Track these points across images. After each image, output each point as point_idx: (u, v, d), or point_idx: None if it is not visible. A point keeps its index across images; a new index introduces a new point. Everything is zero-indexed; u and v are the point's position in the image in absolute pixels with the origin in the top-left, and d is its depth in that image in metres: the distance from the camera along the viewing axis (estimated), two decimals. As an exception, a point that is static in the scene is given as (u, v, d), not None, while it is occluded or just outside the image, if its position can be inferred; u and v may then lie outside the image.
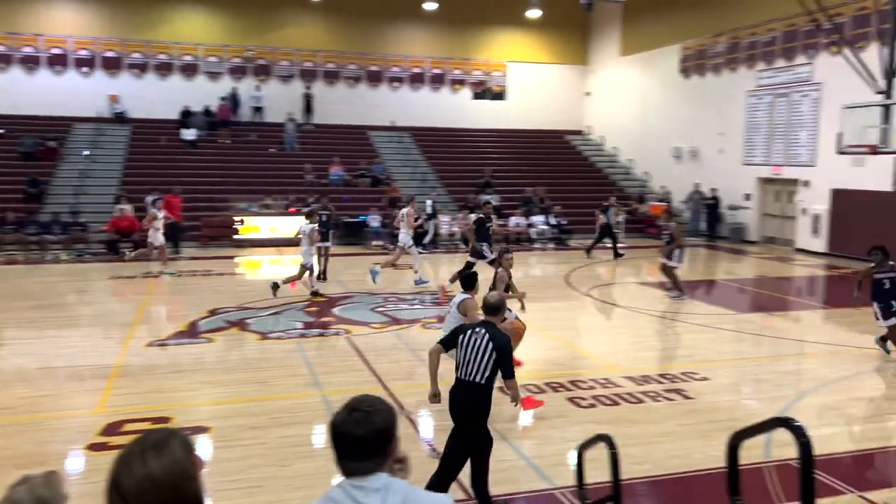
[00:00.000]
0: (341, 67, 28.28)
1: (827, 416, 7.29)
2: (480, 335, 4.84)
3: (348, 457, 2.04)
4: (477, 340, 4.82)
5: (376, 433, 2.04)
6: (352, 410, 2.08)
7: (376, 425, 2.04)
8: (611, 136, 29.24)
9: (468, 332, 4.93)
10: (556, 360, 9.38)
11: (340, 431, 2.05)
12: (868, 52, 15.71)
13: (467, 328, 5.04)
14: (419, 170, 25.28)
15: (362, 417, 2.05)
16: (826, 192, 19.27)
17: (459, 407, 4.86)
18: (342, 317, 11.48)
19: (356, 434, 2.03)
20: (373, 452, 2.03)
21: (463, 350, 4.87)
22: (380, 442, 2.04)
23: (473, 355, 4.80)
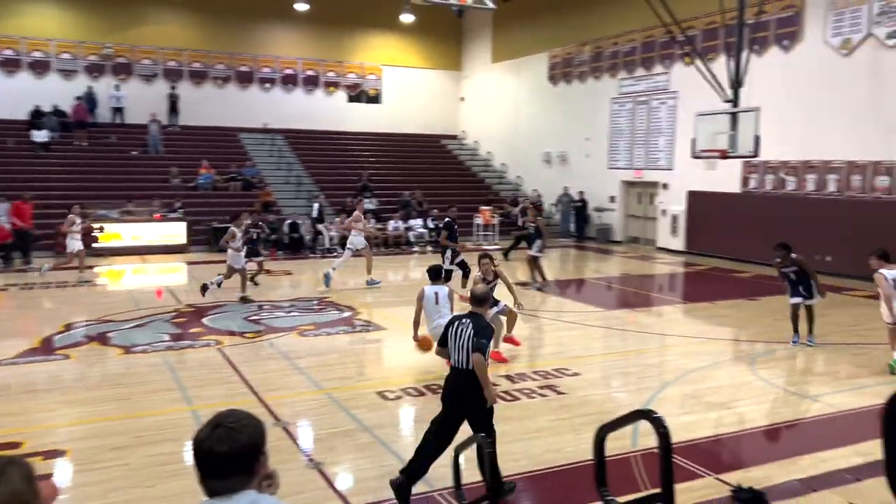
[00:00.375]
0: (208, 67, 27.24)
1: (687, 404, 7.74)
2: (465, 325, 5.19)
3: (211, 476, 1.92)
4: (463, 330, 5.16)
5: (241, 450, 1.93)
6: (215, 427, 1.96)
7: (241, 442, 1.93)
8: (484, 141, 29.88)
9: (455, 324, 5.27)
10: (435, 363, 9.41)
11: (203, 449, 1.93)
12: (717, 63, 16.91)
13: (454, 320, 5.36)
14: (294, 173, 24.74)
15: (225, 434, 1.93)
16: (683, 194, 20.58)
17: (451, 393, 5.19)
18: (213, 327, 11.01)
19: (219, 451, 1.91)
20: (237, 470, 1.92)
21: (453, 340, 5.21)
22: (244, 459, 1.93)
23: (461, 344, 5.12)
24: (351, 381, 8.39)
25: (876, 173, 15.84)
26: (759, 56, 17.64)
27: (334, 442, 6.45)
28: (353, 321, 11.65)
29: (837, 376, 8.88)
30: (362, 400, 7.58)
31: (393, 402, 7.56)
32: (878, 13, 15.60)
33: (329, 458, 6.09)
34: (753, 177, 18.63)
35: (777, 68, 17.74)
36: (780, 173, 17.91)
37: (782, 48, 17.74)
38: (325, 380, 8.32)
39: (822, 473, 5.57)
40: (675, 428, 6.70)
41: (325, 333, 10.73)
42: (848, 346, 10.21)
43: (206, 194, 22.50)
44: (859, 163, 16.13)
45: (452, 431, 5.16)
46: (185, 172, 22.99)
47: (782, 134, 17.07)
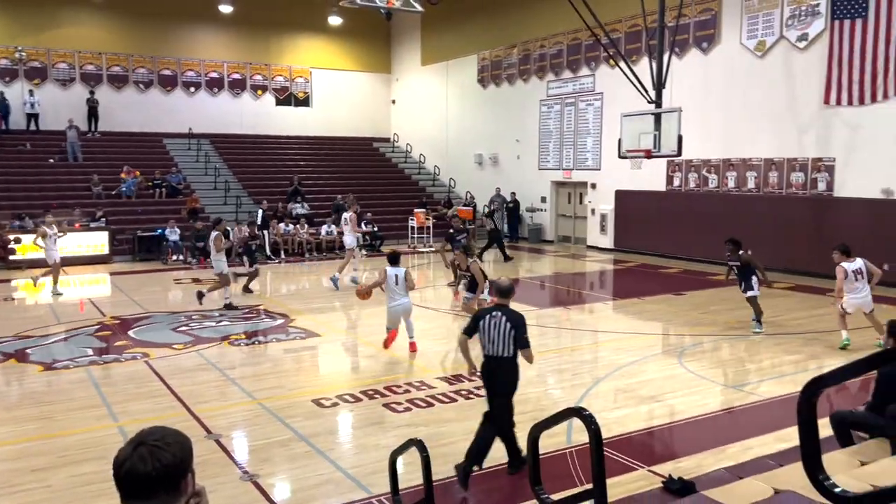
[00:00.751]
0: (129, 71, 26.35)
1: (619, 398, 7.91)
2: (498, 318, 5.68)
3: (134, 496, 1.84)
4: (496, 322, 5.66)
5: (165, 469, 1.83)
6: (137, 445, 1.86)
7: (165, 461, 1.84)
8: (417, 144, 29.88)
9: (487, 318, 5.73)
10: (371, 368, 9.37)
11: (124, 469, 1.84)
12: (640, 65, 17.38)
13: (485, 313, 5.82)
14: (221, 178, 24.18)
15: (148, 453, 1.84)
16: (611, 193, 21.05)
17: (490, 377, 5.78)
18: (139, 339, 10.65)
19: (141, 471, 1.82)
20: (161, 490, 1.84)
21: (486, 332, 5.70)
22: (169, 478, 1.85)
23: (496, 335, 5.65)
24: (285, 389, 8.24)
25: (791, 170, 16.56)
26: (680, 58, 18.22)
27: (269, 452, 6.33)
28: (287, 328, 11.46)
29: (761, 366, 9.23)
30: (297, 409, 7.46)
31: (329, 410, 7.46)
32: (788, 17, 16.32)
33: (264, 469, 5.96)
34: (677, 175, 19.22)
35: (697, 69, 18.36)
36: (703, 171, 18.54)
37: (701, 50, 18.37)
38: (259, 389, 8.15)
39: (748, 461, 5.77)
40: (608, 422, 6.87)
41: (258, 342, 10.52)
42: (770, 337, 10.63)
43: (129, 202, 21.77)
44: (776, 160, 16.84)
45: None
46: (107, 180, 22.18)
47: (704, 133, 17.68)
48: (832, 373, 2.00)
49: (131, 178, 22.22)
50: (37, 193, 21.09)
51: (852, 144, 15.36)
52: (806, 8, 15.98)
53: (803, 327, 11.20)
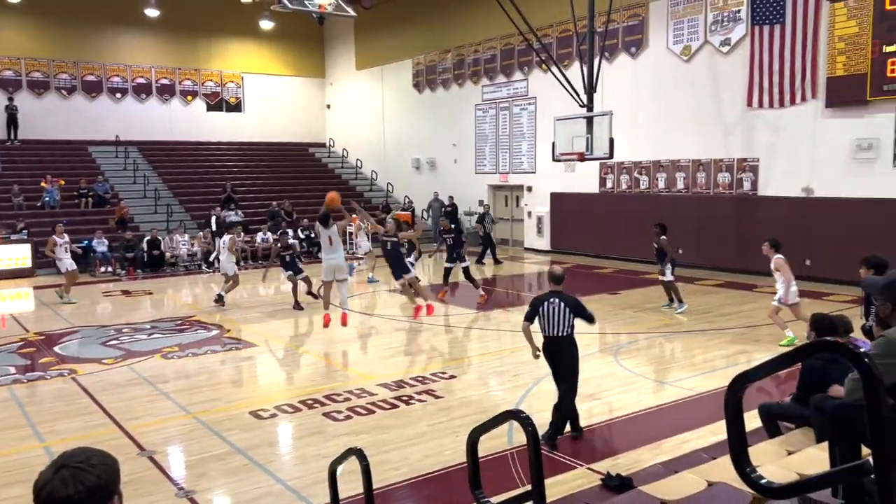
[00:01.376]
0: (51, 76, 25.36)
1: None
2: (556, 303, 6.47)
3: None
4: (554, 307, 6.45)
5: (87, 492, 1.75)
6: (59, 468, 1.77)
7: (88, 483, 1.75)
8: (353, 149, 29.68)
9: (545, 303, 6.48)
10: (309, 377, 9.24)
11: (44, 493, 1.74)
12: (572, 69, 17.69)
13: (543, 300, 6.52)
14: (151, 187, 23.49)
15: (70, 475, 1.75)
16: (546, 195, 21.36)
17: (555, 354, 6.56)
18: (66, 355, 10.24)
19: (62, 495, 1.73)
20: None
21: (546, 317, 6.47)
22: (93, 502, 1.77)
23: (555, 317, 6.44)
24: (222, 402, 8.04)
25: (718, 171, 17.13)
26: (610, 62, 18.62)
27: (206, 467, 6.16)
28: (222, 339, 11.20)
29: (693, 361, 9.50)
30: (235, 421, 7.29)
31: (268, 421, 7.32)
32: (712, 22, 16.89)
33: (201, 484, 5.81)
34: (609, 177, 19.64)
35: (627, 73, 18.81)
36: (634, 173, 18.99)
37: (630, 55, 18.83)
38: (194, 403, 7.94)
39: (683, 455, 5.92)
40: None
41: (192, 354, 10.24)
42: (702, 333, 10.95)
43: (52, 213, 20.92)
44: (703, 161, 17.39)
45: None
46: (28, 191, 21.28)
47: (634, 136, 18.11)
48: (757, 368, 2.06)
49: (54, 188, 21.37)
50: (-48, 205, 20.08)
51: (774, 145, 15.99)
52: (728, 14, 16.57)
53: (733, 323, 11.58)
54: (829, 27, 14.70)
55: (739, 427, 1.94)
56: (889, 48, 13.71)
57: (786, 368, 3.40)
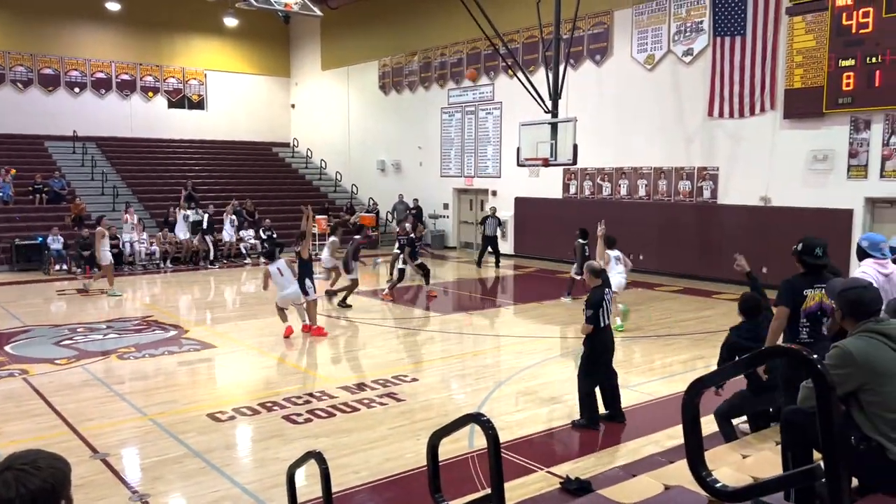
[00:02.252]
0: (6, 69, 24.68)
1: (520, 401, 8.05)
2: (610, 294, 7.38)
3: None
4: (610, 299, 7.35)
5: (30, 495, 1.69)
6: (3, 470, 1.72)
7: (31, 486, 1.69)
8: (317, 149, 29.47)
9: (606, 298, 7.12)
10: (269, 379, 9.13)
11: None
12: (538, 75, 17.83)
13: (602, 296, 7.06)
14: (109, 183, 23.00)
15: (13, 478, 1.69)
16: (511, 200, 21.47)
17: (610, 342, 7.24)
18: (17, 354, 9.96)
19: (3, 497, 1.68)
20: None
21: (606, 309, 7.12)
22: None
23: (610, 307, 7.24)
24: (179, 404, 7.90)
25: (679, 178, 17.40)
26: (575, 69, 18.81)
27: (161, 471, 6.04)
28: (180, 340, 11.01)
29: (651, 366, 9.62)
30: (192, 424, 7.17)
31: (226, 424, 7.21)
32: (675, 32, 17.18)
33: (156, 488, 5.69)
34: (573, 183, 19.82)
35: (591, 81, 19.01)
36: (597, 179, 19.19)
37: (595, 62, 19.04)
38: (150, 405, 7.78)
39: (640, 459, 6.00)
40: (509, 425, 6.97)
41: (149, 355, 10.05)
42: (659, 338, 11.10)
43: (5, 208, 20.37)
44: (665, 169, 17.65)
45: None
46: (-19, 184, 20.67)
47: (598, 142, 18.31)
48: (714, 373, 2.09)
49: (6, 182, 20.79)
50: None
51: (734, 155, 16.31)
52: (691, 24, 16.86)
53: (691, 328, 11.76)
54: (788, 40, 15.06)
55: (696, 431, 1.96)
56: (844, 62, 14.10)
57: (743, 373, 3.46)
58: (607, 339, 7.19)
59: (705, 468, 1.93)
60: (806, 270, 5.17)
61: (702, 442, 2.01)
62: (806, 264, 5.16)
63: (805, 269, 5.17)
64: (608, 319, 7.16)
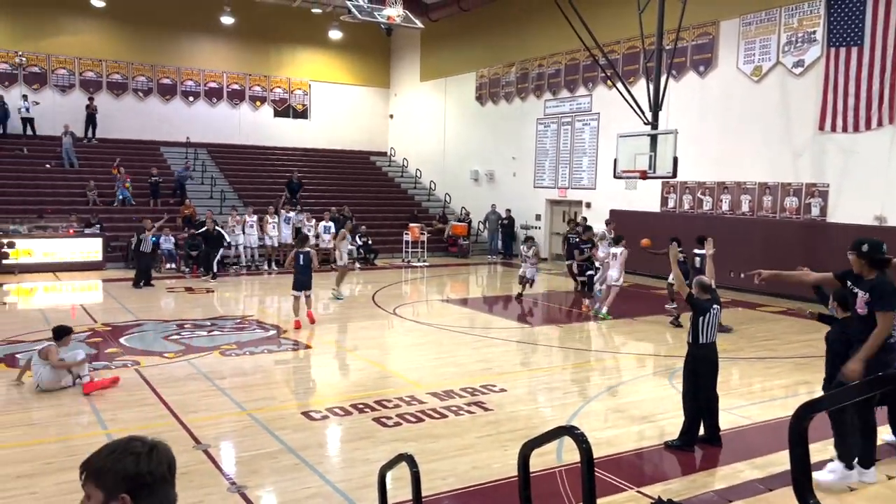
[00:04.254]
0: (129, 78, 26.41)
1: (610, 418, 7.91)
2: (718, 311, 6.98)
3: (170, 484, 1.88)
4: (716, 314, 6.94)
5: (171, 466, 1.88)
6: (150, 449, 1.90)
7: (170, 458, 1.90)
8: (413, 159, 29.97)
9: (712, 309, 6.87)
10: (361, 381, 9.34)
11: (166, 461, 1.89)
12: (638, 86, 17.51)
13: (710, 305, 6.89)
14: (217, 188, 24.18)
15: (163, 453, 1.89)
16: (605, 212, 21.10)
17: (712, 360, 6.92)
18: (130, 346, 10.61)
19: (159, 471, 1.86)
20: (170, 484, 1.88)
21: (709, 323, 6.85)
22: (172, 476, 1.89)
23: (714, 324, 6.89)
24: (275, 401, 8.21)
25: (785, 194, 16.66)
26: (677, 80, 18.37)
27: (258, 464, 6.29)
28: (279, 340, 11.42)
29: (751, 389, 9.23)
30: (287, 421, 7.43)
31: (319, 423, 7.43)
32: (785, 43, 16.50)
33: (252, 481, 5.93)
34: (672, 196, 19.31)
35: (694, 92, 18.51)
36: (697, 193, 18.63)
37: (698, 73, 18.52)
38: (249, 400, 8.12)
39: (737, 484, 5.77)
40: (598, 442, 6.85)
41: (249, 353, 10.48)
42: (761, 360, 10.65)
43: (125, 209, 21.73)
44: (770, 184, 16.94)
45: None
46: (102, 187, 22.16)
47: (699, 155, 17.78)
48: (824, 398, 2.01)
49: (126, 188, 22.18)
50: (32, 199, 21.05)
51: (846, 170, 15.48)
52: (803, 35, 16.15)
53: (795, 352, 11.22)
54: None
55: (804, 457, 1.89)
56: (974, 74, 13.14)
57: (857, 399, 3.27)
58: (710, 355, 6.91)
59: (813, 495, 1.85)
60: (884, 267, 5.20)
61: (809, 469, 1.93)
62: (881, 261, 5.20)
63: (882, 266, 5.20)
64: (711, 336, 6.88)
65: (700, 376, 6.85)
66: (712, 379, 6.93)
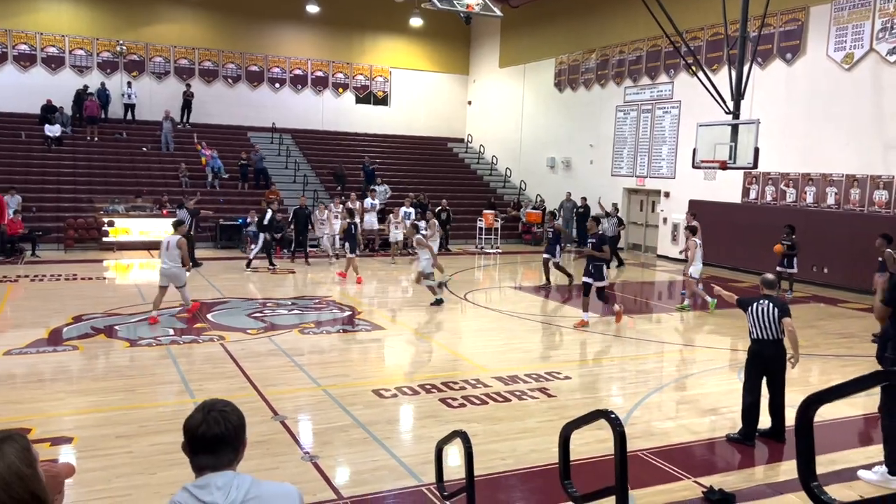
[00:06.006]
0: (219, 66, 27.58)
1: (675, 409, 7.97)
2: (765, 304, 6.68)
3: (206, 451, 2.16)
4: (764, 308, 6.66)
5: (233, 431, 2.16)
6: (209, 410, 2.20)
7: (233, 423, 2.17)
8: (490, 145, 30.12)
9: (754, 304, 6.72)
10: (430, 363, 9.69)
11: (200, 430, 2.16)
12: (721, 74, 17.12)
13: (752, 300, 6.78)
14: (301, 172, 25.06)
15: (220, 417, 2.17)
16: (684, 202, 20.75)
17: (768, 356, 6.73)
18: (217, 322, 11.30)
19: (215, 432, 2.15)
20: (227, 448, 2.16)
21: (756, 318, 6.68)
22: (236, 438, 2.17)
23: (764, 319, 6.63)
24: (348, 378, 8.65)
25: (875, 187, 16.01)
26: (762, 68, 17.85)
27: (330, 436, 6.71)
28: (354, 320, 11.91)
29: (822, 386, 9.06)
30: (359, 397, 7.84)
31: (388, 401, 7.81)
32: (879, 29, 15.79)
33: (324, 451, 6.34)
34: (754, 187, 18.83)
35: (779, 81, 17.94)
36: (781, 185, 18.10)
37: (785, 61, 17.93)
38: (324, 377, 8.59)
39: (792, 479, 5.78)
40: (662, 431, 6.98)
41: (326, 332, 11.00)
42: (838, 358, 10.41)
43: (213, 191, 22.82)
44: (858, 177, 16.31)
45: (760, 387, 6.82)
46: (193, 169, 23.33)
47: (783, 146, 17.27)
48: (831, 389, 2.15)
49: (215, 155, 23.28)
50: (130, 180, 22.39)
51: (942, 163, 14.75)
52: (899, 20, 15.42)
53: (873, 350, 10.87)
54: None
55: (809, 443, 2.05)
56: None
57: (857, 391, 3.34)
58: (762, 352, 6.83)
59: (815, 478, 2.01)
60: None
61: (813, 452, 2.08)
62: None
63: None
64: (763, 332, 6.75)
65: (755, 367, 6.82)
66: (773, 373, 6.88)
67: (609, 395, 8.63)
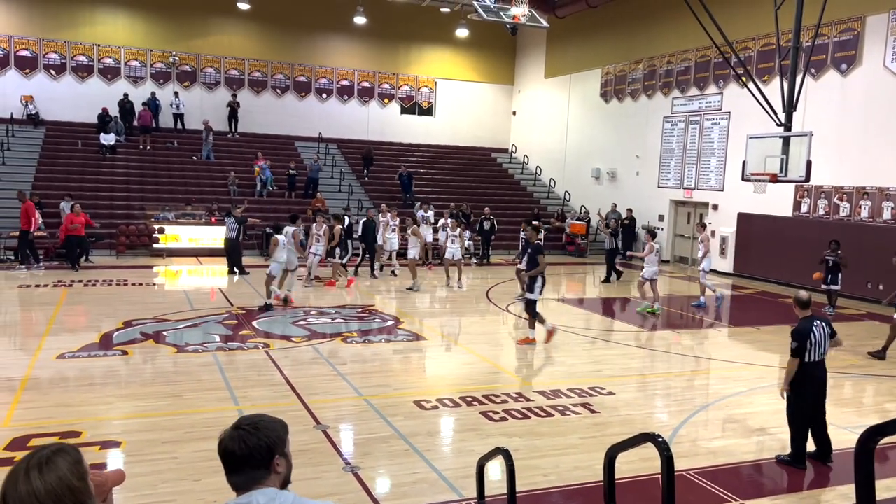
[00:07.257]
0: (268, 77, 28.08)
1: (723, 428, 7.78)
2: (821, 326, 6.70)
3: (228, 472, 2.18)
4: (821, 331, 6.66)
5: (248, 451, 2.15)
6: (235, 429, 2.21)
7: (249, 444, 2.14)
8: (534, 156, 30.00)
9: (814, 329, 6.64)
10: (471, 375, 9.65)
11: (221, 447, 2.19)
12: (771, 85, 16.76)
13: (810, 327, 6.63)
14: (346, 182, 25.31)
15: (238, 436, 2.17)
16: (733, 215, 20.35)
17: (821, 378, 6.71)
18: (262, 330, 11.45)
19: (230, 449, 2.16)
20: (246, 467, 2.16)
21: (816, 342, 6.60)
22: (252, 459, 2.16)
23: (822, 340, 6.65)
24: (390, 388, 8.66)
25: (934, 202, 15.46)
26: (815, 79, 17.42)
27: (371, 447, 6.71)
28: (396, 330, 11.94)
29: (883, 407, 8.76)
30: (400, 408, 7.84)
31: (429, 412, 7.79)
32: (940, 39, 15.28)
33: (365, 462, 6.35)
34: (805, 201, 18.35)
35: (833, 92, 17.48)
36: (834, 198, 17.61)
37: (839, 72, 17.47)
38: (366, 386, 8.61)
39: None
40: (709, 451, 6.81)
41: (368, 341, 11.05)
42: (892, 379, 10.04)
43: (260, 200, 23.19)
44: (917, 190, 15.78)
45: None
46: (242, 177, 23.76)
47: (836, 158, 16.82)
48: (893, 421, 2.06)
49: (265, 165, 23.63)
50: (180, 188, 22.89)
51: None
52: (961, 29, 14.90)
53: None
54: None
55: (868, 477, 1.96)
56: None
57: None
58: (816, 374, 6.68)
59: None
60: None
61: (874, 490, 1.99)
62: None
63: None
64: (821, 353, 6.66)
65: (805, 391, 6.67)
66: (820, 396, 6.76)
67: (653, 411, 8.47)
